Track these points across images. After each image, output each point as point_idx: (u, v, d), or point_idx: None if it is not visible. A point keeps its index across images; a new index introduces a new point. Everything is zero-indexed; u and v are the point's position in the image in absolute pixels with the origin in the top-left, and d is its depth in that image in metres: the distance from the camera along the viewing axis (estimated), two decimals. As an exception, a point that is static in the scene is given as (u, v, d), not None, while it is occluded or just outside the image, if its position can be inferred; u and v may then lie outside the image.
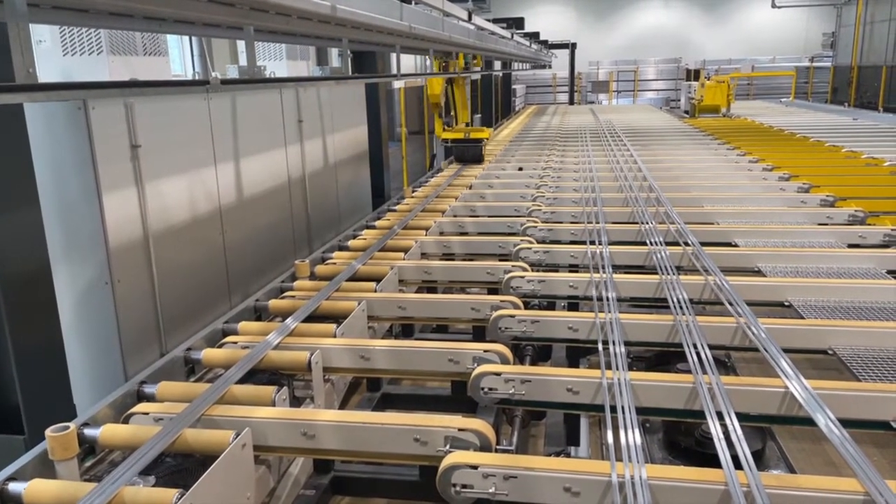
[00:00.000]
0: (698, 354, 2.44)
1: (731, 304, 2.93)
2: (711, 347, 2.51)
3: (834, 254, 3.76)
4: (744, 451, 1.83)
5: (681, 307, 2.90)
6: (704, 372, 2.30)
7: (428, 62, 7.71)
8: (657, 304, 3.22)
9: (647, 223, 4.24)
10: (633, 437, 1.92)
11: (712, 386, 2.20)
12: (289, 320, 2.89)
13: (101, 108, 2.76)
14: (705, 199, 5.14)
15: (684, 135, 9.78)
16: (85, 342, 2.92)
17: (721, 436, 1.93)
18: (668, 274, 3.30)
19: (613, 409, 2.16)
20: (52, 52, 3.17)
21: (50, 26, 3.14)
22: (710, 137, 9.18)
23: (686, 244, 3.81)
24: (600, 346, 2.53)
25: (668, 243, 3.90)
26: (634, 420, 2.02)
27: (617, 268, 3.53)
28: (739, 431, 1.94)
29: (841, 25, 20.33)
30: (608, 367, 2.38)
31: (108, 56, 3.20)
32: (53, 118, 2.71)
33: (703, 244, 4.06)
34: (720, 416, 2.05)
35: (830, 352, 2.71)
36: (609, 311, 2.85)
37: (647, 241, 3.87)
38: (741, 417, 2.07)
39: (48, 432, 1.91)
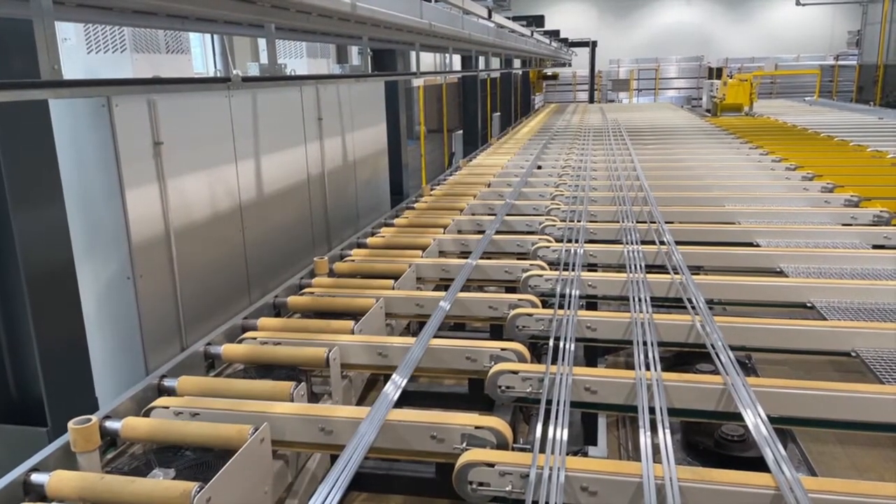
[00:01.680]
0: (717, 355, 2.42)
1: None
2: (733, 348, 2.48)
3: (858, 255, 3.70)
4: (779, 452, 1.81)
5: (694, 307, 2.88)
6: (728, 373, 2.28)
7: (447, 60, 7.70)
8: (675, 304, 3.20)
9: (662, 223, 4.21)
10: (665, 437, 1.91)
11: (739, 387, 2.18)
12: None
13: (125, 106, 2.79)
14: (727, 198, 5.08)
15: (706, 134, 9.69)
16: (107, 336, 2.96)
17: (768, 437, 1.89)
18: (682, 274, 3.28)
19: (634, 409, 2.15)
20: (76, 49, 3.21)
21: (75, 24, 3.18)
22: (732, 136, 9.09)
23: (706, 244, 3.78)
24: (636, 346, 2.52)
25: (685, 243, 3.87)
26: (667, 420, 2.01)
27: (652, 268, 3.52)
28: (773, 434, 1.91)
29: (867, 23, 20.01)
30: (630, 367, 2.37)
31: (131, 54, 3.24)
32: (77, 115, 2.75)
33: (724, 244, 4.02)
34: (748, 417, 2.03)
35: (854, 354, 2.67)
36: (634, 312, 2.84)
37: (665, 241, 3.84)
38: (776, 420, 2.04)
39: (71, 425, 1.93)
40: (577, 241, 3.88)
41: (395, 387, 2.33)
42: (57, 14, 1.71)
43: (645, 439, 1.91)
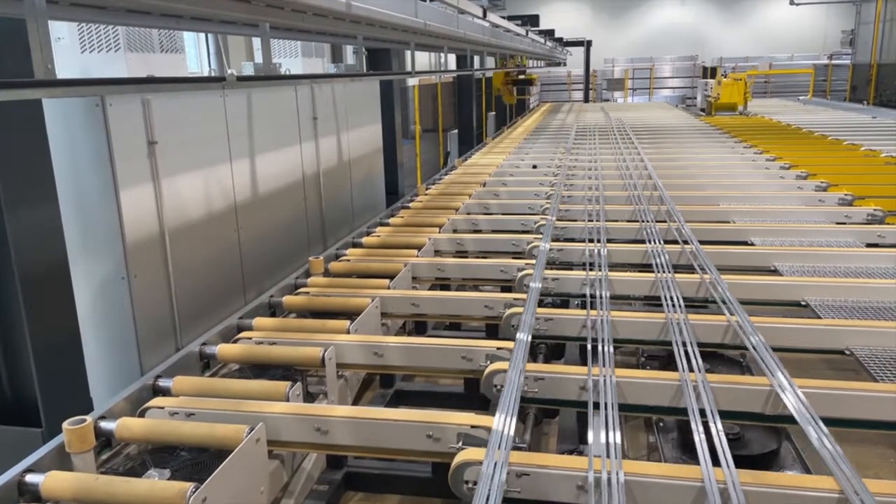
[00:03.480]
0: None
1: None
2: (729, 346, 2.49)
3: (852, 253, 3.72)
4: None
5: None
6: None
7: (442, 59, 7.72)
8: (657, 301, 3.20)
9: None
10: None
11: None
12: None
13: (119, 105, 2.79)
14: (721, 197, 5.10)
15: (700, 133, 9.70)
16: (102, 336, 2.95)
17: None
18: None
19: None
20: (70, 48, 3.19)
21: (68, 23, 3.17)
22: (726, 135, 9.11)
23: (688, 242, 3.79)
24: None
25: (680, 241, 3.88)
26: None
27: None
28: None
29: (860, 22, 20.05)
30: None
31: (125, 53, 3.22)
32: (71, 115, 2.74)
33: (719, 243, 4.03)
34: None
35: (847, 352, 2.68)
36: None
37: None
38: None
39: (65, 425, 1.93)
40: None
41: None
42: (50, 13, 1.70)
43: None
